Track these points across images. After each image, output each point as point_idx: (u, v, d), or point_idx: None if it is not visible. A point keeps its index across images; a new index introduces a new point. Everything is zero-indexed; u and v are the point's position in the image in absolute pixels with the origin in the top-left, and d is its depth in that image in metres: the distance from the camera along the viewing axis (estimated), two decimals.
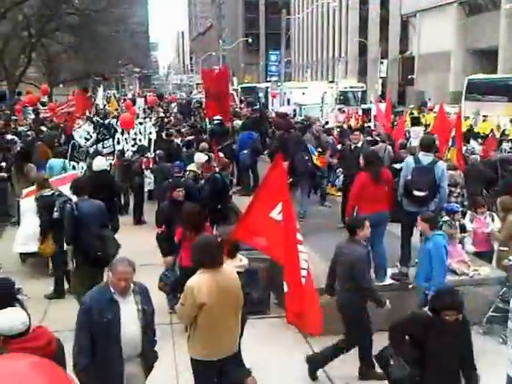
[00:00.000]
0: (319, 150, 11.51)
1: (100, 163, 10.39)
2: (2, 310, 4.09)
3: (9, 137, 15.10)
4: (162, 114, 23.31)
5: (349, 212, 7.81)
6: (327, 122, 22.04)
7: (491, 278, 7.79)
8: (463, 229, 8.56)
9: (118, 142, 13.93)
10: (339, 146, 12.62)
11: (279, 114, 18.98)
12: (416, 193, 7.29)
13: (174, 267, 7.63)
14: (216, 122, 15.34)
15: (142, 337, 4.69)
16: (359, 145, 10.44)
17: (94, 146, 13.41)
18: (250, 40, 75.18)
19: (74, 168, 12.60)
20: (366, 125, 21.84)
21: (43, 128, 17.99)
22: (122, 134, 14.01)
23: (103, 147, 13.58)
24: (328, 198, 12.15)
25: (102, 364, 4.49)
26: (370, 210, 7.31)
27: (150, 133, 14.32)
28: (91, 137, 13.47)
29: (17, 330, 3.89)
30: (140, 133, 14.23)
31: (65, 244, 7.68)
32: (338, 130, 18.31)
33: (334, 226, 9.83)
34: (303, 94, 32.83)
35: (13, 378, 1.98)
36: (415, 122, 22.44)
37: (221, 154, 12.12)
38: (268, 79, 65.97)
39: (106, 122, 14.64)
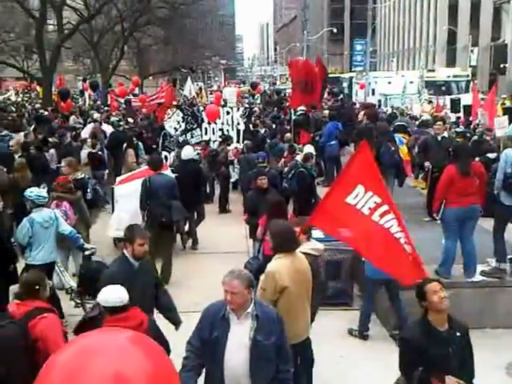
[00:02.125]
0: None
1: (188, 152, 10.70)
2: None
3: (103, 127, 15.76)
4: (246, 105, 23.56)
5: (436, 206, 7.62)
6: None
7: None
8: None
9: (206, 132, 14.28)
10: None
11: (365, 105, 18.71)
12: None
13: (259, 255, 7.77)
14: (300, 112, 15.35)
15: (252, 373, 3.95)
16: (446, 135, 10.13)
17: (183, 136, 13.83)
18: (334, 30, 74.17)
19: (165, 158, 13.10)
20: (453, 115, 21.05)
21: (130, 119, 18.73)
22: (209, 123, 14.33)
23: (192, 137, 13.96)
24: (413, 191, 11.90)
25: None
26: (458, 204, 7.11)
27: (239, 123, 14.54)
28: (180, 126, 13.88)
29: (112, 302, 4.10)
30: (227, 123, 14.48)
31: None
32: (420, 121, 17.79)
33: (419, 220, 9.63)
34: (389, 83, 32.00)
35: (112, 350, 2.07)
36: (508, 112, 21.32)
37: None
38: (352, 69, 64.87)
39: (195, 109, 14.98)
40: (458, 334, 4.16)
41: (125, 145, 13.66)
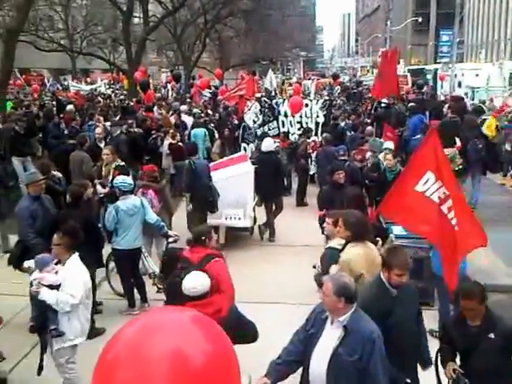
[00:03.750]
0: None
1: (268, 144, 10.72)
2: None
3: (184, 118, 16.06)
4: (326, 97, 23.36)
5: None
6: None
7: None
8: None
9: (283, 125, 14.24)
10: None
11: (454, 98, 18.05)
12: None
13: None
14: (383, 105, 15.01)
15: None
16: None
17: (261, 129, 13.87)
18: (419, 20, 71.86)
19: (244, 149, 13.22)
20: None
21: (209, 111, 19.01)
22: (286, 116, 14.27)
23: (269, 129, 13.98)
24: (501, 189, 11.37)
25: None
26: None
27: (318, 116, 14.39)
28: (258, 119, 13.94)
29: (187, 291, 4.23)
30: (306, 115, 14.36)
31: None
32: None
33: (508, 218, 9.20)
34: (477, 75, 30.65)
35: (172, 328, 2.15)
36: None
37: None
38: (437, 61, 62.71)
39: (273, 102, 14.98)
40: (492, 335, 4.02)
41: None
